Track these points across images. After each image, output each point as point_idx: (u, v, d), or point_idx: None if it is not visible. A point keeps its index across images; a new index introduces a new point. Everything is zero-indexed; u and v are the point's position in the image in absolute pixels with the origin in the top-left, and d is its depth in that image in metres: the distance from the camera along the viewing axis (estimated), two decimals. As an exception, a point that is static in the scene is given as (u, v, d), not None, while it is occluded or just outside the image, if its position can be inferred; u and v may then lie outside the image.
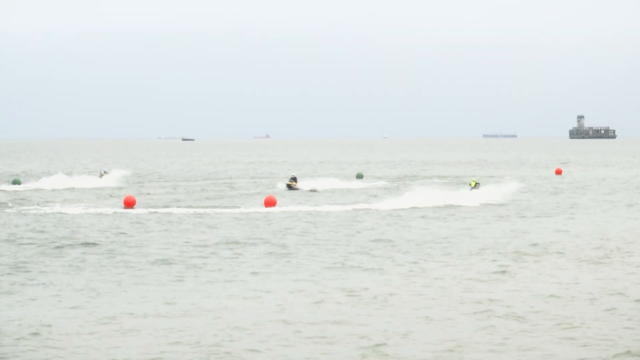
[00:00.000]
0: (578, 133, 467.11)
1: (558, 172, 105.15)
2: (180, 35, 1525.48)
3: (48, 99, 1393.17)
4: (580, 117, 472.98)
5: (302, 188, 74.97)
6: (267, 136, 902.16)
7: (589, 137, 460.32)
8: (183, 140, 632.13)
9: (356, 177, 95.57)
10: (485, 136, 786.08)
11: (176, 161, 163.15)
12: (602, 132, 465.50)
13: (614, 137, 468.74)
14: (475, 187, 67.84)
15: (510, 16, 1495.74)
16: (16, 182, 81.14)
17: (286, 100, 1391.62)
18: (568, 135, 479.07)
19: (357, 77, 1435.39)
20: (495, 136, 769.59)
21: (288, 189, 74.63)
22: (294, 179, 75.83)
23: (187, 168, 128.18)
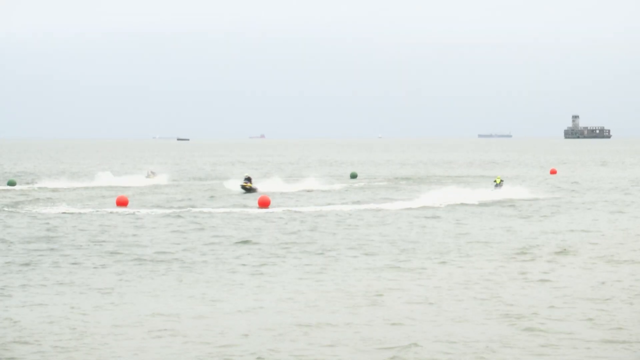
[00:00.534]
0: (573, 133, 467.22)
1: (553, 172, 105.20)
2: (179, 35, 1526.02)
3: (48, 99, 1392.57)
4: (575, 117, 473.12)
5: (258, 189, 70.98)
6: (263, 136, 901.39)
7: (584, 137, 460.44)
8: (178, 140, 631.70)
9: (350, 177, 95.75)
10: (480, 136, 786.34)
11: (208, 161, 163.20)
12: (597, 132, 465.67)
13: (609, 137, 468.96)
14: (499, 185, 68.69)
15: (506, 16, 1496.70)
16: (11, 184, 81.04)
17: (284, 100, 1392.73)
18: (563, 135, 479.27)
19: (356, 77, 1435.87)
20: (490, 136, 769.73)
21: (244, 191, 70.32)
22: (248, 179, 71.22)
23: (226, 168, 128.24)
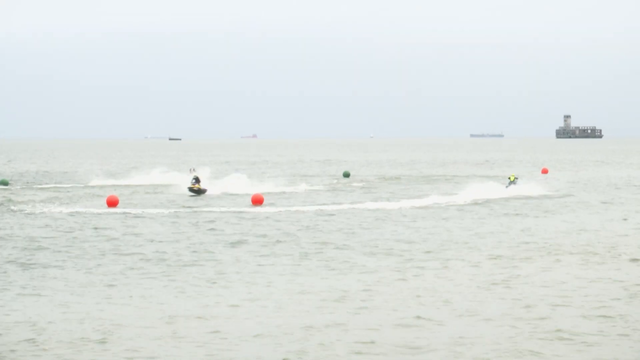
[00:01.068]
0: (564, 133, 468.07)
1: (544, 172, 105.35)
2: (176, 35, 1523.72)
3: (46, 99, 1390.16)
4: (566, 117, 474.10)
5: (208, 190, 66.29)
6: (255, 136, 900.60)
7: (576, 137, 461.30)
8: (170, 140, 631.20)
9: (343, 176, 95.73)
10: (472, 136, 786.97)
11: (205, 161, 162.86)
12: (589, 132, 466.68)
13: (601, 137, 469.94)
14: (513, 182, 69.89)
15: (501, 17, 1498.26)
16: (3, 183, 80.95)
17: (281, 100, 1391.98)
18: (555, 135, 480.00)
19: (354, 77, 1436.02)
20: (482, 136, 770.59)
21: (192, 193, 65.40)
22: (197, 180, 65.82)
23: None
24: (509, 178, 71.39)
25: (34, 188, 77.71)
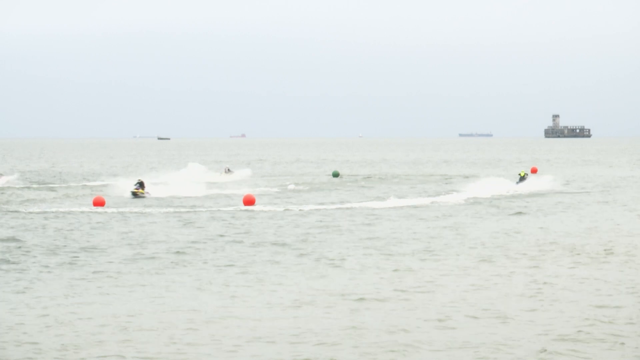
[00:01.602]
0: (553, 132, 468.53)
1: (533, 171, 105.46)
2: (166, 34, 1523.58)
3: (35, 98, 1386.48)
4: (555, 116, 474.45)
5: (151, 194, 64.20)
6: (243, 135, 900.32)
7: (564, 137, 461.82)
8: (159, 139, 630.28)
9: (332, 176, 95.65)
10: (461, 135, 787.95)
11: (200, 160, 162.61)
12: (577, 132, 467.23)
13: (589, 136, 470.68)
14: (523, 178, 72.71)
15: (488, 18, 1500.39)
16: None
17: (272, 99, 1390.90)
18: (543, 134, 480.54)
19: (345, 77, 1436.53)
20: (471, 135, 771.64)
21: (133, 197, 63.22)
22: (141, 185, 64.21)
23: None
24: (519, 174, 74.12)
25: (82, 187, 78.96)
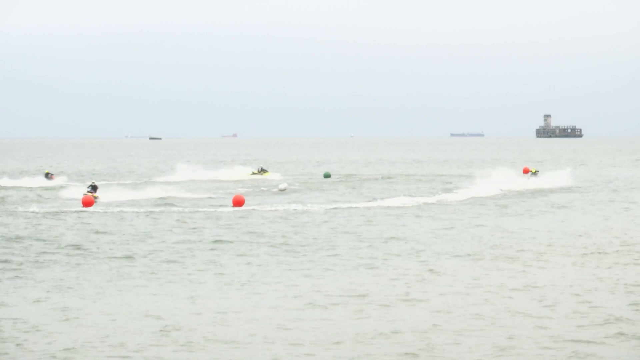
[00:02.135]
0: (545, 132, 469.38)
1: (525, 172, 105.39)
2: (157, 34, 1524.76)
3: (46, 99, 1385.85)
4: (546, 116, 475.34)
5: (100, 198, 61.17)
6: (235, 135, 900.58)
7: (556, 136, 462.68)
8: (150, 139, 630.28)
9: (324, 177, 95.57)
10: (452, 135, 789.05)
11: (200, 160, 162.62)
12: (569, 131, 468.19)
13: (581, 136, 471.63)
14: (535, 174, 76.61)
15: (480, 18, 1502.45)
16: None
17: (264, 99, 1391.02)
18: (535, 134, 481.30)
19: (336, 78, 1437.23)
20: (462, 135, 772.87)
21: None
22: (94, 188, 61.88)
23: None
24: (531, 170, 78.83)
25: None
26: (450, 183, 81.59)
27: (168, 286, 28.59)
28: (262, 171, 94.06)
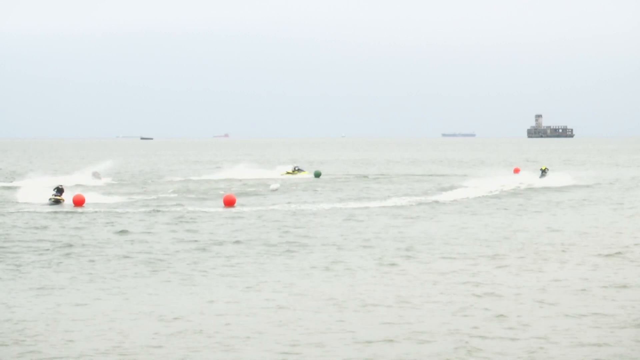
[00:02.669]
0: (536, 132, 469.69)
1: (516, 172, 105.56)
2: (149, 34, 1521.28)
3: (46, 99, 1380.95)
4: (538, 116, 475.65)
5: (65, 201, 59.74)
6: (227, 135, 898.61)
7: (547, 136, 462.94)
8: (142, 139, 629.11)
9: (315, 176, 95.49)
10: (444, 135, 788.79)
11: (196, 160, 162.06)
12: (560, 131, 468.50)
13: (572, 136, 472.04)
14: (545, 173, 78.03)
15: (470, 18, 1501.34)
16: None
17: (255, 99, 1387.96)
18: (526, 134, 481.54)
19: (326, 77, 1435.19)
20: (454, 135, 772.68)
21: (54, 204, 59.05)
22: (60, 191, 60.59)
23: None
24: (541, 169, 79.91)
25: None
26: (450, 182, 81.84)
27: (166, 286, 28.61)
28: (297, 170, 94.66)
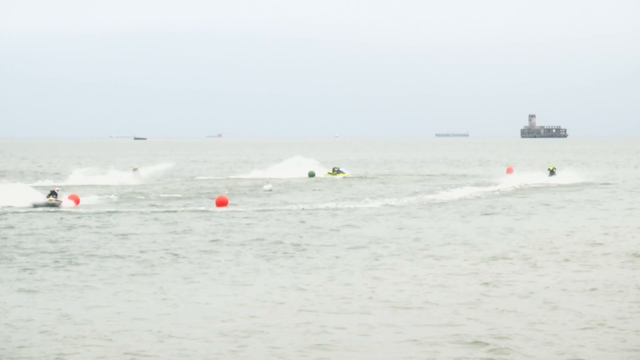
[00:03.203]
0: (529, 132, 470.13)
1: (509, 171, 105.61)
2: (143, 33, 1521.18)
3: (46, 99, 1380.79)
4: (531, 117, 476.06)
5: (64, 203, 59.32)
6: (220, 135, 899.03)
7: (541, 137, 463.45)
8: (135, 139, 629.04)
9: (308, 176, 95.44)
10: (437, 135, 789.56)
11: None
12: (554, 132, 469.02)
13: (566, 136, 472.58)
14: (553, 172, 79.58)
15: (465, 18, 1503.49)
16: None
17: (249, 99, 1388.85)
18: (520, 134, 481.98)
19: (321, 77, 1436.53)
20: (447, 135, 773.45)
21: (50, 206, 58.48)
22: (54, 194, 59.94)
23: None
24: (549, 168, 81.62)
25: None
26: (451, 181, 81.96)
27: (164, 284, 28.57)
28: (337, 172, 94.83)
